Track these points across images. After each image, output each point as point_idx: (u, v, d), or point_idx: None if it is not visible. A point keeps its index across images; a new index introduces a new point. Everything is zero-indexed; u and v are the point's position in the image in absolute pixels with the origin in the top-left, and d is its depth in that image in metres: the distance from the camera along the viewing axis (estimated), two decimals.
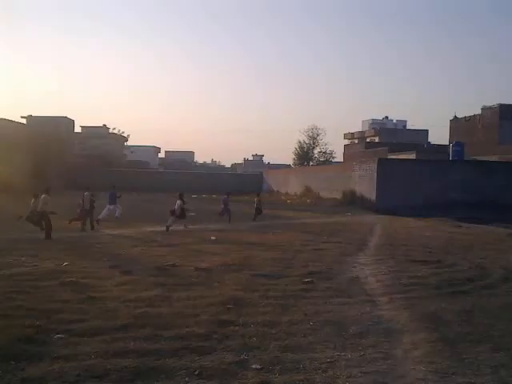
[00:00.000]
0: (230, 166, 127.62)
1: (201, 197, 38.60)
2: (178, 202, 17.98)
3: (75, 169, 48.14)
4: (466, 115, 53.19)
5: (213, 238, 14.91)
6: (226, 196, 22.16)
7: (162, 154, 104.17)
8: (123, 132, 72.72)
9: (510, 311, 7.02)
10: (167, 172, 65.27)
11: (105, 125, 70.95)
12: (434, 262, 11.00)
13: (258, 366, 4.83)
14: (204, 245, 13.46)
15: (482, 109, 50.66)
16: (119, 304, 6.95)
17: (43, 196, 15.24)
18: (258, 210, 22.59)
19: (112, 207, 20.78)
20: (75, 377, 4.48)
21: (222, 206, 21.71)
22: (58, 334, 5.61)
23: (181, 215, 17.78)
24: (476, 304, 7.39)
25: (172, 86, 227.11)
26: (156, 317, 6.34)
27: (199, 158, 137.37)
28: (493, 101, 60.42)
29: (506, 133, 46.17)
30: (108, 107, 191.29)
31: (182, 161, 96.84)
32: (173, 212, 17.65)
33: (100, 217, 19.01)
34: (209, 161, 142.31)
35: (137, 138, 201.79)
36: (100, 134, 67.05)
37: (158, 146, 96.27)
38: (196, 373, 4.63)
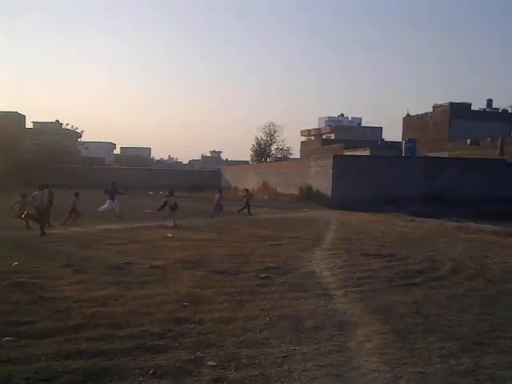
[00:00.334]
0: (187, 162, 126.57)
1: (158, 193, 38.05)
2: (171, 198, 19.33)
3: (26, 165, 46.58)
4: (419, 113, 54.62)
5: (169, 235, 14.76)
6: (219, 194, 23.25)
7: (117, 151, 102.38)
8: (77, 128, 70.92)
9: (458, 302, 7.25)
10: (123, 168, 64.03)
11: (57, 120, 69.06)
12: (387, 256, 11.25)
13: (214, 363, 4.81)
14: (160, 242, 13.28)
15: (433, 107, 52.21)
16: (71, 304, 6.77)
17: (37, 192, 15.83)
18: (247, 204, 24.10)
19: (113, 203, 21.17)
20: (24, 380, 4.34)
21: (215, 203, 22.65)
22: (6, 336, 5.41)
23: (172, 208, 19.03)
24: (426, 295, 7.60)
25: (127, 81, 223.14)
26: (109, 316, 6.22)
27: (156, 155, 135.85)
28: (444, 99, 62.30)
29: (455, 130, 47.73)
30: (61, 103, 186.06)
31: (138, 157, 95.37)
32: (174, 207, 19.01)
33: (100, 209, 20.39)
34: (166, 157, 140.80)
35: (91, 134, 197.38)
36: (52, 130, 65.21)
37: (113, 142, 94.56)
38: (150, 372, 4.57)
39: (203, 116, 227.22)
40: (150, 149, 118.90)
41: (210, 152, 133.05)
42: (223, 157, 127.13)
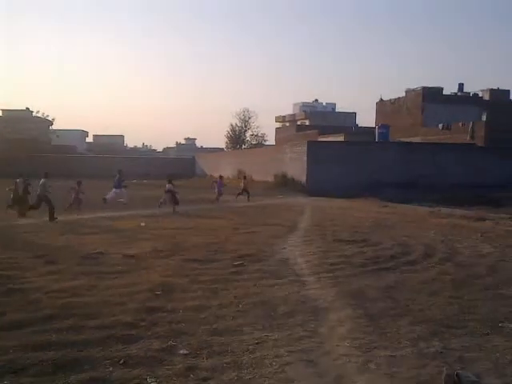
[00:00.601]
0: (161, 150, 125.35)
1: (131, 182, 37.66)
2: (168, 185, 20.01)
3: None
4: (392, 98, 55.03)
5: (142, 224, 14.62)
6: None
7: (90, 138, 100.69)
8: (48, 116, 69.51)
9: (429, 286, 7.38)
10: (97, 157, 63.05)
11: (28, 108, 67.50)
12: (360, 241, 11.37)
13: (186, 352, 4.80)
14: (134, 231, 13.16)
15: (406, 92, 52.63)
16: (42, 295, 6.66)
17: (42, 180, 16.54)
18: (245, 191, 25.10)
19: (118, 191, 21.80)
20: None
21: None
22: None
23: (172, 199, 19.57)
24: (398, 280, 7.71)
25: (100, 68, 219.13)
26: (80, 307, 6.14)
27: (130, 142, 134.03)
28: (417, 83, 62.93)
29: (428, 115, 48.32)
30: (32, 91, 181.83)
31: (111, 145, 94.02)
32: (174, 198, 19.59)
33: (107, 197, 21.09)
34: (140, 145, 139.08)
35: (63, 122, 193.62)
36: (22, 118, 63.72)
37: (85, 130, 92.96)
38: (121, 362, 4.54)
39: (177, 103, 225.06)
40: (123, 136, 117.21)
41: (185, 139, 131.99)
42: (198, 144, 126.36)
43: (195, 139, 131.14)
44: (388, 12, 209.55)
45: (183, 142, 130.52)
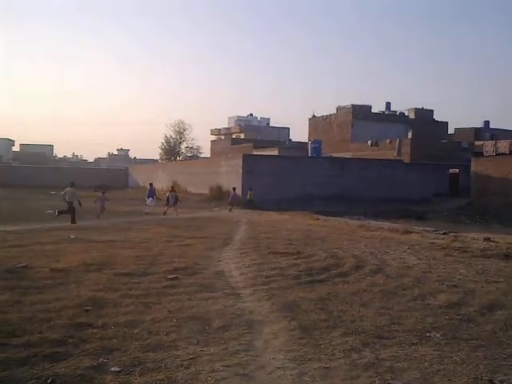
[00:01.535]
0: (93, 160, 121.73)
1: (60, 193, 36.25)
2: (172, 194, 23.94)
3: None
4: (324, 114, 56.61)
5: (72, 236, 14.06)
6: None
7: (16, 148, 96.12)
8: None
9: (360, 297, 7.56)
10: (24, 166, 60.24)
11: None
12: (294, 254, 11.51)
13: (117, 369, 4.62)
14: (62, 244, 12.61)
15: (337, 109, 54.35)
16: None
17: (68, 189, 19.77)
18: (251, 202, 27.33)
19: (150, 200, 24.83)
20: None
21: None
22: None
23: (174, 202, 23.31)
24: (331, 292, 7.84)
25: (28, 76, 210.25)
26: (3, 324, 5.76)
27: (59, 152, 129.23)
28: (347, 101, 65.15)
29: (357, 131, 50.16)
30: None
31: (39, 155, 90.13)
32: (175, 201, 23.19)
33: (147, 211, 24.14)
34: (70, 155, 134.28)
35: None
36: None
37: (11, 138, 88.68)
38: (49, 381, 4.29)
39: (110, 113, 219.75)
40: (52, 146, 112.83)
41: (118, 150, 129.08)
42: (131, 155, 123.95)
43: (128, 150, 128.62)
44: (321, 29, 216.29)
45: (116, 152, 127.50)
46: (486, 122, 59.66)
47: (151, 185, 26.51)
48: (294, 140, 65.02)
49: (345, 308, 6.91)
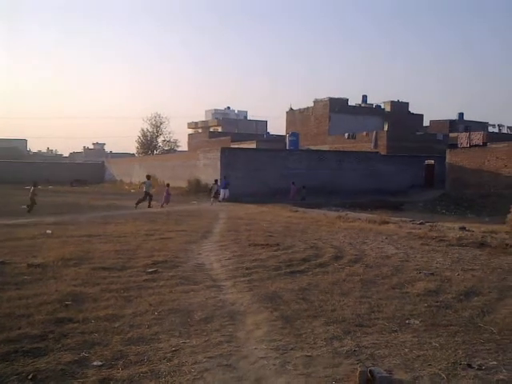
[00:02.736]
0: (68, 155, 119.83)
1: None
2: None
3: None
4: (301, 107, 56.74)
5: (48, 231, 13.85)
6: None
7: None
8: None
9: (340, 286, 7.63)
10: None
11: None
12: (274, 245, 11.56)
13: (99, 363, 4.59)
14: (39, 239, 12.42)
15: (314, 101, 54.54)
16: None
17: (147, 181, 24.77)
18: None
19: (226, 191, 28.12)
20: None
21: None
22: None
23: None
24: (311, 282, 7.91)
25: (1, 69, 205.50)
26: None
27: (33, 147, 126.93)
28: (324, 94, 65.45)
29: (334, 124, 50.44)
30: None
31: (12, 149, 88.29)
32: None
33: (220, 198, 27.54)
34: (44, 149, 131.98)
35: None
36: None
37: None
38: (29, 377, 4.24)
39: (85, 107, 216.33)
40: (25, 140, 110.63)
41: (93, 144, 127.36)
42: (107, 149, 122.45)
43: (104, 144, 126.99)
44: (300, 23, 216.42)
45: (91, 146, 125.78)
46: (461, 114, 60.65)
47: (216, 181, 28.53)
48: (271, 133, 65.03)
49: (325, 298, 6.97)
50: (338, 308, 6.48)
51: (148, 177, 25.53)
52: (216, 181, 28.58)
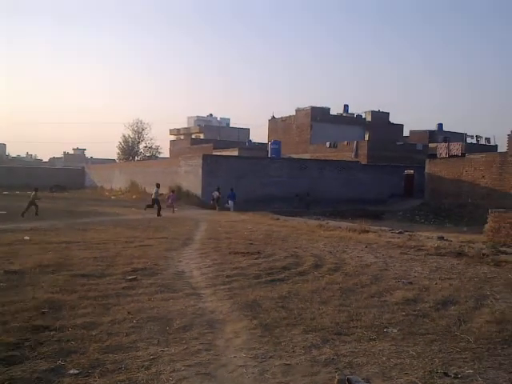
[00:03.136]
0: (47, 160, 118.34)
1: (14, 193, 35.13)
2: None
3: None
4: (283, 116, 57.02)
5: (26, 237, 13.65)
6: None
7: None
8: None
9: (319, 295, 7.66)
10: None
11: None
12: (255, 253, 11.56)
13: (76, 371, 4.53)
14: (16, 245, 12.23)
15: (296, 110, 54.85)
16: None
17: (156, 189, 25.02)
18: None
19: (232, 203, 28.43)
20: None
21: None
22: None
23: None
24: (291, 290, 7.92)
25: None
26: None
27: (12, 151, 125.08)
28: (307, 103, 65.85)
29: (316, 133, 50.77)
30: None
31: None
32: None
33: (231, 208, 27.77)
34: (23, 154, 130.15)
35: None
36: None
37: None
38: None
39: (66, 112, 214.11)
40: (4, 145, 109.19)
41: (73, 149, 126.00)
42: (87, 155, 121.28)
43: (85, 150, 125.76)
44: (286, 32, 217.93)
45: (71, 152, 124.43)
46: (440, 125, 61.55)
47: (232, 190, 29.15)
48: (254, 141, 65.14)
49: (305, 306, 6.99)
50: (317, 316, 6.51)
51: (158, 185, 25.80)
52: (218, 188, 29.09)
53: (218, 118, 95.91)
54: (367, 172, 38.40)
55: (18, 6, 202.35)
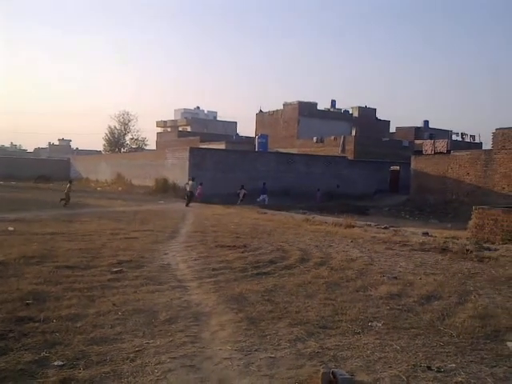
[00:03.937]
0: (32, 150, 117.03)
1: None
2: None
3: None
4: (271, 110, 56.98)
5: (10, 228, 13.51)
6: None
7: None
8: None
9: (305, 288, 7.70)
10: None
11: None
12: (241, 247, 11.57)
13: (61, 363, 4.51)
14: (0, 236, 12.09)
15: (283, 105, 54.84)
16: None
17: (191, 182, 26.56)
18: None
19: (265, 196, 29.63)
20: None
21: None
22: None
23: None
24: (277, 284, 7.95)
25: None
26: None
27: None
28: (294, 97, 65.85)
29: (303, 128, 50.84)
30: None
31: None
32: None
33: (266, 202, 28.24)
34: (7, 144, 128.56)
35: None
36: None
37: None
38: None
39: (52, 102, 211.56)
40: None
41: (59, 140, 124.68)
42: (73, 146, 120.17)
43: (70, 141, 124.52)
44: (271, 25, 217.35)
45: (57, 142, 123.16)
46: (426, 122, 61.97)
47: (264, 184, 30.37)
48: (241, 134, 65.03)
49: (290, 299, 7.03)
50: (302, 310, 6.54)
51: (193, 178, 27.34)
52: (242, 186, 29.61)
53: (205, 111, 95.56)
54: (354, 167, 38.60)
55: None
